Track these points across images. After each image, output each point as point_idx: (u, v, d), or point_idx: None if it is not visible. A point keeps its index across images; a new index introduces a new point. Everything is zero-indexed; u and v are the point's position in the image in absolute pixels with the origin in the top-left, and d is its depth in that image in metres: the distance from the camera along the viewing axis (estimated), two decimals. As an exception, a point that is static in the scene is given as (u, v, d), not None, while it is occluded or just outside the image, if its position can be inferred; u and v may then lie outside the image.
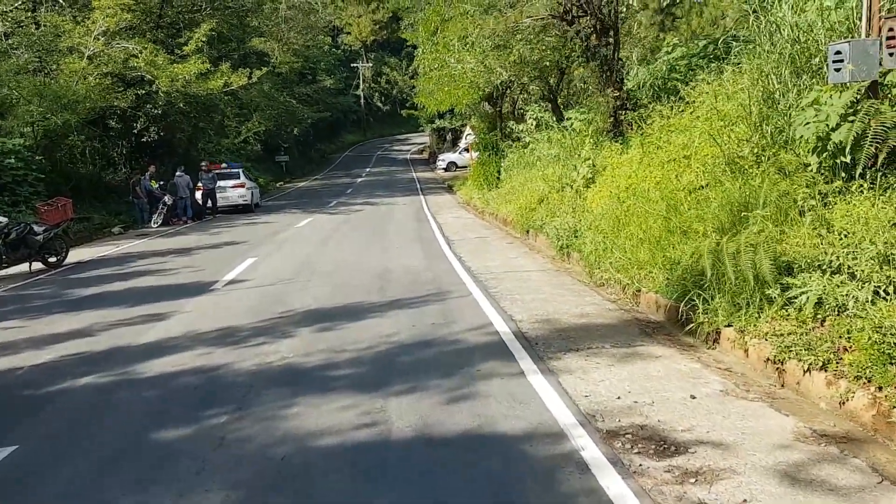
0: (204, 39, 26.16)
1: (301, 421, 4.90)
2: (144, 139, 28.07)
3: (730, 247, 5.56)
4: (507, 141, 23.56)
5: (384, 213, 23.24)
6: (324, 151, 66.76)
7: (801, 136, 5.82)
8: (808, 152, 5.94)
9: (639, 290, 7.89)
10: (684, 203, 8.04)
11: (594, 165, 11.63)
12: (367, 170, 52.33)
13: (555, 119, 22.32)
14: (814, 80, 6.86)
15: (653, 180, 9.18)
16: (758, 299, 5.50)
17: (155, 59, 23.79)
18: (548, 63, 20.25)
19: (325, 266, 12.21)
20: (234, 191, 26.27)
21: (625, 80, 12.32)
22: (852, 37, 6.61)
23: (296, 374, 6.08)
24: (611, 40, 11.76)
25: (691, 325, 6.27)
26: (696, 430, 4.26)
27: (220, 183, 26.03)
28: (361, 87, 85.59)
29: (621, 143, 11.86)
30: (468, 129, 31.04)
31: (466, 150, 37.82)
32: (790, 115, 7.11)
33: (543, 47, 19.03)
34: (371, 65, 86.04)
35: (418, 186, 36.76)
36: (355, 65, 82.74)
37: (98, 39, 23.09)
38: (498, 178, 23.18)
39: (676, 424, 4.36)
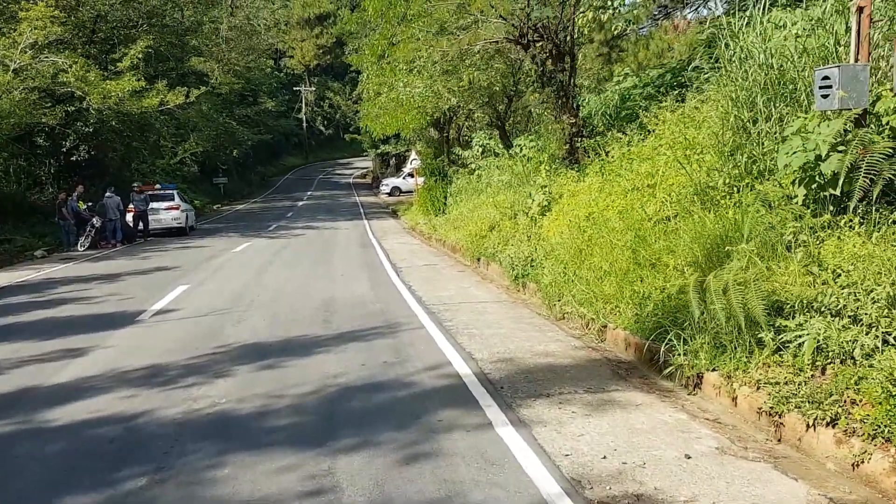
0: (139, 56, 25.00)
1: (232, 487, 4.15)
2: (74, 158, 26.60)
3: (716, 284, 5.10)
4: (455, 167, 23.15)
5: (327, 238, 22.44)
6: (264, 174, 65.44)
7: (786, 166, 5.44)
8: (793, 183, 5.56)
9: (605, 326, 7.40)
10: (651, 234, 7.63)
11: (550, 193, 11.22)
12: (309, 193, 51.33)
13: (502, 146, 22.06)
14: (790, 107, 6.55)
15: (615, 209, 8.77)
16: (747, 342, 5.04)
17: (86, 74, 22.55)
18: (497, 89, 19.99)
19: (264, 295, 11.39)
20: (167, 213, 25.09)
21: (580, 108, 11.98)
22: (829, 63, 6.34)
23: (228, 424, 5.32)
24: (567, 66, 11.44)
25: (669, 367, 5.77)
26: (699, 500, 3.68)
27: (154, 205, 24.84)
28: (304, 110, 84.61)
29: (577, 171, 11.49)
30: (413, 155, 30.57)
31: (411, 175, 37.38)
32: (763, 143, 6.80)
33: (493, 73, 18.77)
34: (314, 89, 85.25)
35: (362, 211, 36.04)
36: (298, 88, 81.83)
37: (25, 52, 21.72)
38: (444, 203, 22.73)
39: (676, 493, 3.78)
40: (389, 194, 45.23)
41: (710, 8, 21.45)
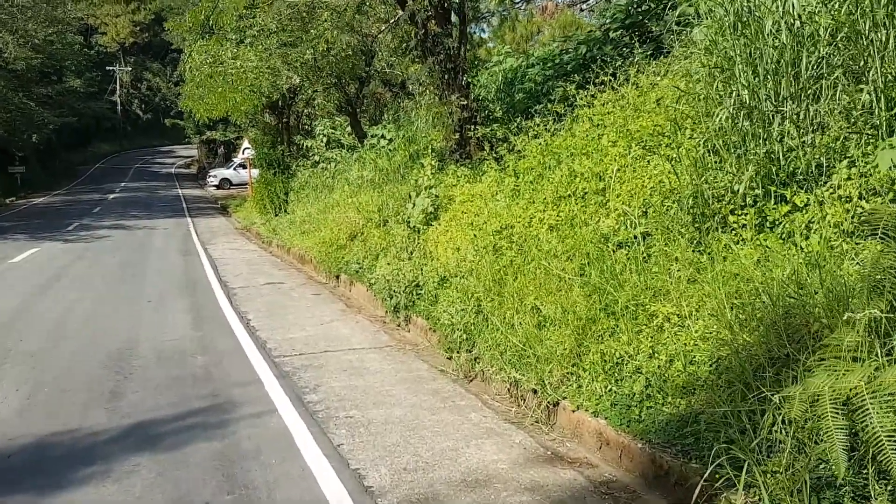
0: None
1: None
2: None
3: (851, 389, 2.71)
4: (300, 159, 19.98)
5: (139, 243, 18.43)
6: (71, 162, 57.54)
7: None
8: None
9: (556, 404, 4.91)
10: (612, 263, 5.23)
11: (437, 196, 8.60)
12: (123, 184, 45.31)
13: (353, 135, 19.20)
14: (838, 79, 4.38)
15: (544, 223, 6.31)
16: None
17: None
18: (347, 67, 17.07)
19: (33, 336, 7.86)
20: (-70, 210, 19.83)
21: (471, 86, 9.44)
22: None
23: None
24: (456, 29, 8.84)
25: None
26: None
27: None
28: (118, 92, 76.45)
29: (471, 168, 8.95)
30: (246, 143, 26.86)
31: (243, 165, 33.38)
32: (793, 133, 4.58)
33: (344, 45, 15.85)
34: (130, 69, 77.45)
35: (185, 206, 31.58)
36: (111, 68, 73.74)
37: None
38: (286, 201, 19.51)
39: None
40: (218, 187, 40.69)
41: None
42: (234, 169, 40.50)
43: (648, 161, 5.73)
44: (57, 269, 13.50)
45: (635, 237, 5.29)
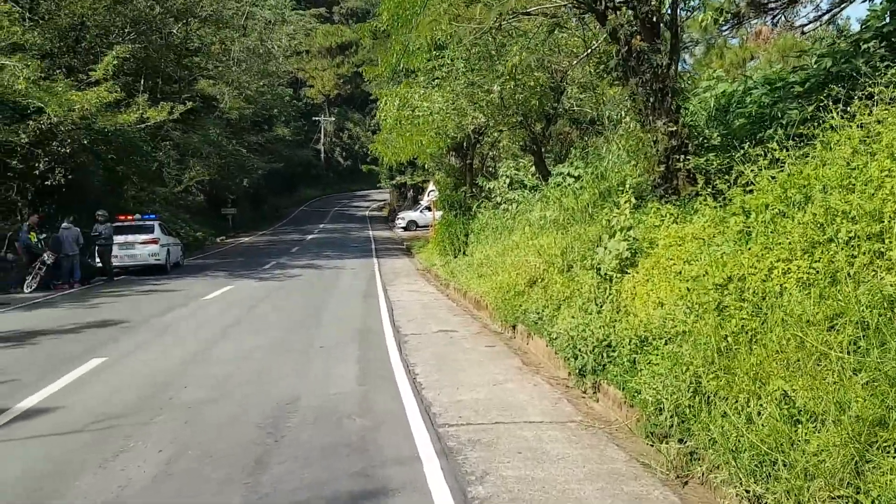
0: (115, 63, 21.48)
1: None
2: (49, 182, 22.98)
3: None
4: (482, 200, 19.31)
5: (326, 283, 18.56)
6: (278, 205, 62.15)
7: None
8: None
9: (826, 545, 3.38)
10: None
11: (635, 239, 7.25)
12: (321, 226, 47.89)
13: (538, 175, 18.20)
14: None
15: (791, 276, 4.76)
16: None
17: (51, 82, 19.06)
18: (535, 103, 16.19)
19: (196, 386, 7.47)
20: (143, 248, 21.40)
21: (681, 109, 7.95)
22: None
23: None
24: (665, 45, 7.47)
25: None
26: None
27: (129, 238, 21.21)
28: (322, 140, 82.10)
29: (679, 206, 7.50)
30: (431, 186, 26.89)
31: (428, 208, 33.67)
32: None
33: (532, 83, 15.00)
34: (333, 119, 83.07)
35: (373, 247, 32.30)
36: (317, 118, 79.43)
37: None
38: (465, 243, 18.86)
39: None
40: (405, 228, 41.77)
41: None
42: (421, 211, 41.35)
43: None
44: (243, 310, 13.60)
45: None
